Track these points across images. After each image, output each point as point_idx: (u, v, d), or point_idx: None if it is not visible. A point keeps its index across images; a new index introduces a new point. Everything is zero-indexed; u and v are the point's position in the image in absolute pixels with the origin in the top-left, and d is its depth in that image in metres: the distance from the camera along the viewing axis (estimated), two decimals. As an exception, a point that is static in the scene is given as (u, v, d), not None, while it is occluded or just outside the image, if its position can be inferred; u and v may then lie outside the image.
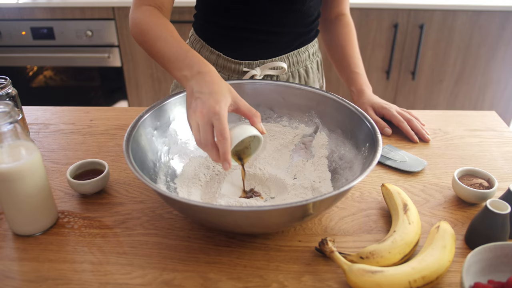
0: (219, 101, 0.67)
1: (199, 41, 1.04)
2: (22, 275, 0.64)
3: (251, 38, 0.99)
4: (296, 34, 1.01)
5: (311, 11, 1.00)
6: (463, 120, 1.05)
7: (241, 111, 0.71)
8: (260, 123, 0.71)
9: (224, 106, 0.67)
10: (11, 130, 0.63)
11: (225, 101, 0.67)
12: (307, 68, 1.07)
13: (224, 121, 0.65)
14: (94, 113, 1.07)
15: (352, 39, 1.09)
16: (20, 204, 0.67)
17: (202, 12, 1.02)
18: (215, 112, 0.65)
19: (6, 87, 0.87)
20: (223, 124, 0.65)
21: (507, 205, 0.64)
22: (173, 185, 0.78)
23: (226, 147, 0.65)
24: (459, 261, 0.65)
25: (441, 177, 0.85)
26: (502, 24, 2.00)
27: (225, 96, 0.68)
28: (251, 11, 0.95)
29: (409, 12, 1.98)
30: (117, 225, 0.73)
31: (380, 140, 0.72)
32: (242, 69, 1.01)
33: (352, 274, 0.59)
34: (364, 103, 1.01)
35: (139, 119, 0.76)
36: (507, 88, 2.17)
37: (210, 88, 0.69)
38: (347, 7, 1.11)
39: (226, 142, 0.65)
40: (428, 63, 2.11)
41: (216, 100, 0.67)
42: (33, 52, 2.15)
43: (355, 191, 0.81)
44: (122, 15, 2.04)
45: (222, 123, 0.65)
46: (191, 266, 0.65)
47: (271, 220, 0.63)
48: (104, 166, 0.80)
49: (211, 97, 0.67)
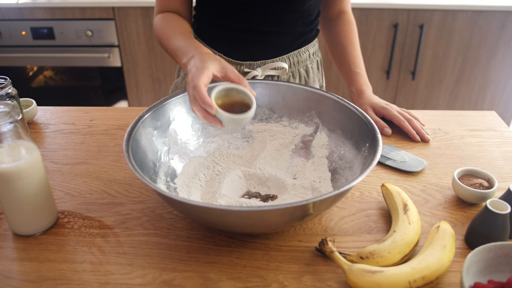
0: (196, 74, 0.72)
1: (200, 42, 1.04)
2: (22, 275, 0.64)
3: (252, 39, 0.99)
4: (297, 34, 1.01)
5: (311, 11, 1.00)
6: (463, 120, 1.05)
7: (229, 78, 0.75)
8: (248, 86, 0.75)
9: (201, 77, 0.71)
10: (11, 130, 0.63)
11: (206, 73, 0.72)
12: (307, 68, 1.07)
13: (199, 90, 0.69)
14: (94, 113, 1.07)
15: (353, 38, 1.08)
16: (20, 204, 0.67)
17: (202, 13, 1.02)
18: (192, 86, 0.71)
19: (6, 87, 0.87)
20: (199, 93, 0.69)
21: (507, 205, 0.64)
22: (173, 185, 0.78)
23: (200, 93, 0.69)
24: (459, 261, 0.65)
25: (441, 177, 0.85)
26: (502, 24, 2.00)
27: (207, 68, 0.73)
28: (251, 12, 0.95)
29: (409, 12, 1.98)
30: (117, 225, 0.73)
31: (380, 140, 0.72)
32: (243, 70, 1.01)
33: (352, 274, 0.59)
34: (364, 103, 1.01)
35: (139, 119, 0.76)
36: (507, 88, 2.17)
37: (196, 65, 0.74)
38: (348, 5, 1.11)
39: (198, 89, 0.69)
40: (428, 63, 2.11)
41: (194, 74, 0.72)
42: (33, 52, 2.15)
43: (355, 191, 0.81)
44: (122, 15, 2.04)
45: (198, 92, 0.70)
46: (191, 266, 0.65)
47: (271, 220, 0.63)
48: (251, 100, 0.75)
49: (192, 73, 0.73)
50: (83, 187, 0.82)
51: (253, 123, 0.91)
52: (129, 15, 2.04)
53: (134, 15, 2.04)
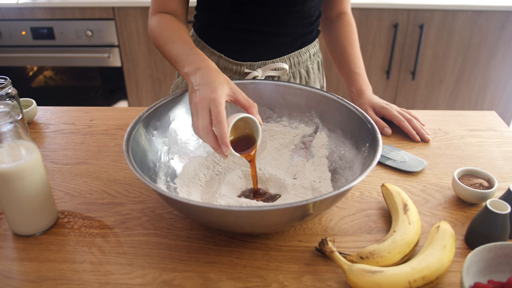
0: (215, 89, 0.69)
1: (200, 42, 1.04)
2: (22, 275, 0.64)
3: (253, 39, 0.99)
4: (297, 34, 1.01)
5: (312, 11, 1.00)
6: (463, 120, 1.05)
7: (239, 102, 0.73)
8: (257, 114, 0.73)
9: (220, 93, 0.69)
10: (11, 130, 0.63)
11: (221, 89, 0.70)
12: (308, 69, 1.07)
13: (219, 105, 0.67)
14: (94, 113, 1.07)
15: (353, 38, 1.08)
16: (20, 204, 0.67)
17: (203, 13, 1.02)
18: (211, 98, 0.68)
19: (6, 87, 0.87)
20: (219, 107, 0.67)
21: (507, 205, 0.64)
22: (173, 185, 0.78)
23: (223, 129, 0.66)
24: (459, 261, 0.65)
25: (441, 177, 0.85)
26: (502, 24, 2.00)
27: (222, 85, 0.71)
28: (252, 12, 0.95)
29: (409, 12, 1.98)
30: (117, 225, 0.73)
31: (380, 140, 0.72)
32: (243, 70, 1.01)
33: (352, 274, 0.59)
34: (364, 103, 1.01)
35: (139, 119, 0.76)
36: (507, 88, 2.17)
37: (206, 80, 0.72)
38: (348, 6, 1.11)
39: (222, 125, 0.66)
40: (428, 63, 2.11)
41: (212, 89, 0.69)
42: (33, 52, 2.15)
43: (355, 191, 0.81)
44: (122, 15, 2.04)
45: (217, 107, 0.67)
46: (191, 266, 0.65)
47: (271, 220, 0.63)
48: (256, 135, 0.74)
49: (207, 87, 0.70)
50: (83, 187, 0.82)
51: (253, 123, 0.91)
52: (129, 15, 2.04)
53: (134, 15, 2.04)
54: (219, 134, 0.67)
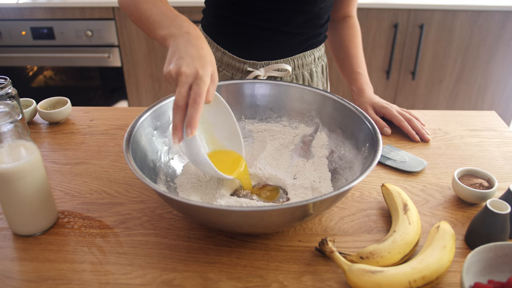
0: (204, 66, 0.65)
1: (206, 37, 1.04)
2: (22, 275, 0.64)
3: (260, 36, 0.98)
4: (305, 35, 1.01)
5: (322, 13, 1.00)
6: (463, 120, 1.05)
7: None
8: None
9: (208, 73, 0.65)
10: (11, 130, 0.63)
11: (209, 69, 0.66)
12: (311, 72, 1.07)
13: (204, 85, 0.64)
14: (94, 113, 1.07)
15: (357, 40, 1.09)
16: (20, 204, 0.67)
17: (212, 6, 1.02)
18: (197, 76, 0.64)
19: (6, 87, 0.87)
20: (203, 87, 0.63)
21: (507, 205, 0.64)
22: (173, 185, 0.78)
23: (197, 112, 0.63)
24: (459, 261, 0.65)
25: (441, 177, 0.85)
26: (502, 24, 2.00)
27: (210, 64, 0.67)
28: (262, 7, 0.95)
29: (409, 12, 1.98)
30: (117, 225, 0.73)
31: (380, 140, 0.72)
32: (246, 69, 1.01)
33: (352, 274, 0.59)
34: (364, 102, 1.01)
35: (139, 119, 0.76)
36: (507, 88, 2.17)
37: (198, 52, 0.66)
38: (354, 10, 1.12)
39: (199, 107, 0.63)
40: (428, 63, 2.11)
41: (201, 64, 0.65)
42: (33, 52, 2.15)
43: (355, 191, 0.81)
44: (122, 15, 2.04)
45: (201, 87, 0.63)
46: (191, 266, 0.65)
47: (271, 220, 0.63)
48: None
49: (197, 60, 0.65)
50: (83, 187, 0.82)
51: (253, 123, 0.91)
52: (129, 15, 2.04)
53: (134, 15, 2.04)
54: (191, 115, 0.63)
